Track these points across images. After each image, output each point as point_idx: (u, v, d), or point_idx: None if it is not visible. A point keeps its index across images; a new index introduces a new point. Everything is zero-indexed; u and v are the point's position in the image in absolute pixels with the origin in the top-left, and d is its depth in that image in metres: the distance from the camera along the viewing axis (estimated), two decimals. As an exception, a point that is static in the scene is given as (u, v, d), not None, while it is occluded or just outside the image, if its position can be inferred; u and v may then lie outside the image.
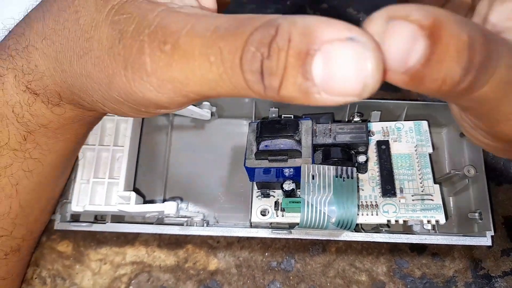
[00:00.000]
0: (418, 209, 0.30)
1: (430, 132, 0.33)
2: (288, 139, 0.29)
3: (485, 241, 0.30)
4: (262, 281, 0.33)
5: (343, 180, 0.28)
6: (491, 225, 0.30)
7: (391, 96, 0.38)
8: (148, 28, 0.18)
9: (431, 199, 0.30)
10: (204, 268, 0.34)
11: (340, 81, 0.15)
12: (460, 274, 0.33)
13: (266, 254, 0.31)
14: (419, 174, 0.31)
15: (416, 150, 0.32)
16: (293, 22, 0.15)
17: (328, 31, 0.15)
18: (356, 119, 0.34)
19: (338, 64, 0.14)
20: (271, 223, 0.32)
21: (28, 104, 0.25)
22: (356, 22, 0.40)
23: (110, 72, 0.19)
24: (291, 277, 0.33)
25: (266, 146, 0.29)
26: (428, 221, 0.30)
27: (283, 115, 0.35)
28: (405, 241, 0.31)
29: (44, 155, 0.27)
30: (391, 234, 0.31)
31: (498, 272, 0.33)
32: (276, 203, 0.31)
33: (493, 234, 0.30)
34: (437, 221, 0.30)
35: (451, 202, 0.35)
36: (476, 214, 0.31)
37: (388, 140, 0.33)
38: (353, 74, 0.14)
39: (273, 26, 0.15)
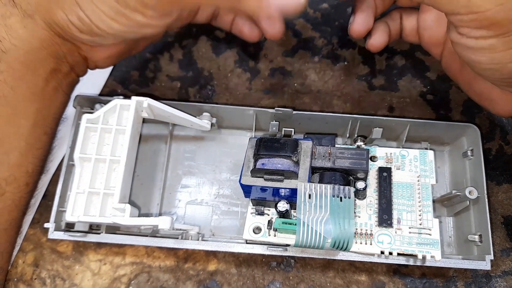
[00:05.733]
0: (414, 242, 0.29)
1: (436, 163, 0.32)
2: (285, 159, 0.29)
3: (484, 265, 0.29)
4: (262, 281, 0.33)
5: (340, 200, 0.28)
6: (491, 249, 0.30)
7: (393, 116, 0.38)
8: None
9: (429, 234, 0.29)
10: (204, 268, 0.34)
11: None
12: (460, 274, 0.33)
13: (266, 254, 0.31)
14: (419, 206, 0.30)
15: (418, 181, 0.31)
16: None
17: None
18: (359, 143, 0.33)
19: None
20: (262, 242, 0.31)
21: (5, 17, 0.27)
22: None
23: None
24: (291, 277, 0.33)
25: (263, 164, 0.29)
26: (423, 256, 0.29)
27: (283, 129, 0.35)
28: (404, 262, 0.30)
29: (16, 82, 0.28)
30: (389, 255, 0.29)
31: (497, 272, 0.33)
32: (270, 222, 0.31)
33: (492, 258, 0.29)
34: (432, 257, 0.29)
35: (451, 223, 0.34)
36: (476, 236, 0.31)
37: (390, 168, 0.31)
38: None
39: None
